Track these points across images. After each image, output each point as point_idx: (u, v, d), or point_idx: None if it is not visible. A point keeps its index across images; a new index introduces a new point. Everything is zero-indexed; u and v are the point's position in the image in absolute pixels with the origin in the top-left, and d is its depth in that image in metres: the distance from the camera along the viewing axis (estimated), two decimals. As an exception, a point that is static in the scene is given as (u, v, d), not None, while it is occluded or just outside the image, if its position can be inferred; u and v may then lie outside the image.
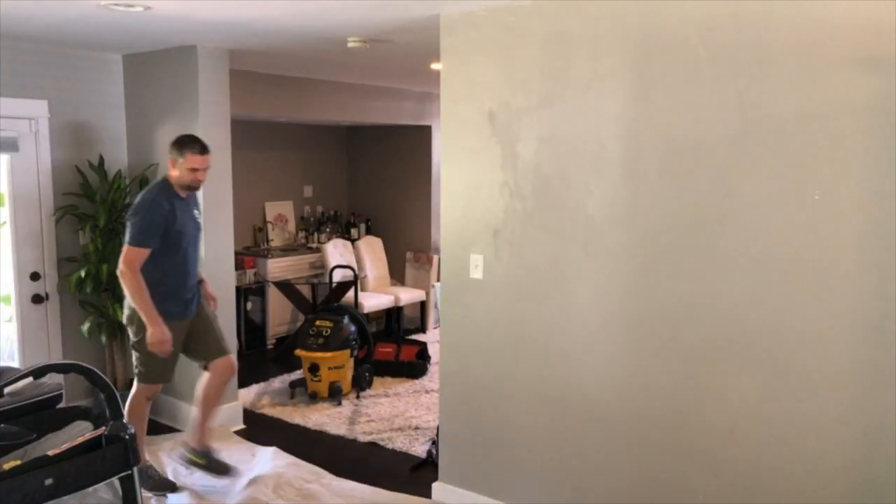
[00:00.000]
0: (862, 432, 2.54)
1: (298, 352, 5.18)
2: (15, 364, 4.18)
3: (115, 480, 2.20)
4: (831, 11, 2.46)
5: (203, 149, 3.55)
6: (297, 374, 5.63)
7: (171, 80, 4.49)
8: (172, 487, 3.79)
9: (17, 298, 4.42)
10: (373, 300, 6.73)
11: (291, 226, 7.32)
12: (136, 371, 3.68)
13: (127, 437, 2.19)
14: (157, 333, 3.45)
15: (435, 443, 4.07)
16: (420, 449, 4.36)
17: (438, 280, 5.96)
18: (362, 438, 4.55)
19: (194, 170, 3.52)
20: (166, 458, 4.19)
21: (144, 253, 3.44)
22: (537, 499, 3.33)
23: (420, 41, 4.03)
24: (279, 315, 6.74)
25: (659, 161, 2.87)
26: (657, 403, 2.96)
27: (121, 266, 3.46)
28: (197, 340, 3.75)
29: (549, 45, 3.10)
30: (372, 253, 7.23)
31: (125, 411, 3.39)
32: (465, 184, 3.43)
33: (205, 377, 3.80)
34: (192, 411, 3.91)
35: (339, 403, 5.08)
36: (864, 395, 2.52)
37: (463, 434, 3.56)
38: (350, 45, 4.13)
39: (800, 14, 2.51)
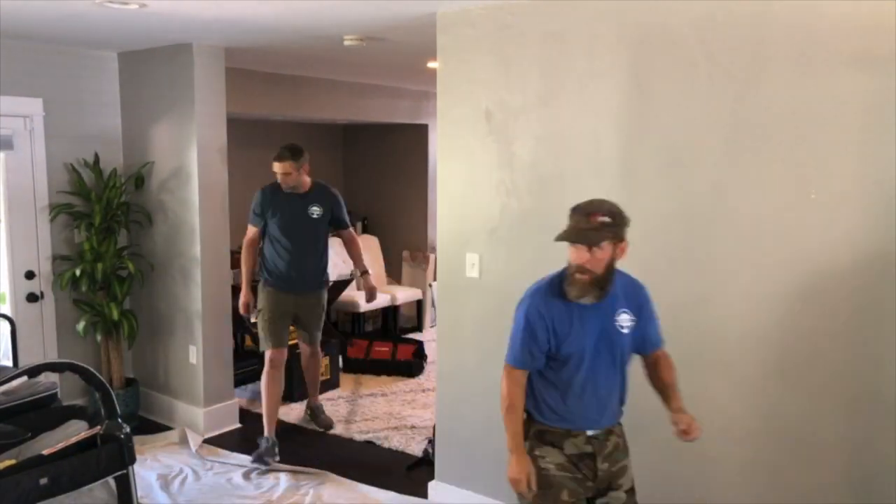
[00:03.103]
0: (861, 431, 2.55)
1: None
2: (9, 363, 4.16)
3: (111, 480, 2.19)
4: (828, 11, 2.46)
5: (278, 157, 4.22)
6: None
7: (166, 78, 4.47)
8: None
9: (12, 297, 4.40)
10: (369, 299, 6.72)
11: (287, 224, 7.30)
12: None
13: (122, 436, 2.19)
14: (242, 297, 4.37)
15: (431, 442, 4.06)
16: (416, 448, 4.35)
17: (435, 279, 5.96)
18: (358, 437, 4.55)
19: (277, 174, 4.22)
20: (165, 457, 4.19)
21: (251, 230, 4.34)
22: (534, 497, 3.33)
23: (417, 39, 4.02)
24: (275, 314, 6.71)
25: (655, 160, 2.87)
26: (653, 402, 2.96)
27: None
28: (299, 320, 4.46)
29: (545, 43, 3.09)
30: (368, 252, 7.21)
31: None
32: (461, 182, 3.42)
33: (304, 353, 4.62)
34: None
35: None
36: (863, 395, 2.53)
37: (459, 433, 3.56)
38: (346, 43, 4.12)
39: (797, 13, 2.52)
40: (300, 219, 4.29)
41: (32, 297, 4.46)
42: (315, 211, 4.33)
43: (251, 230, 4.34)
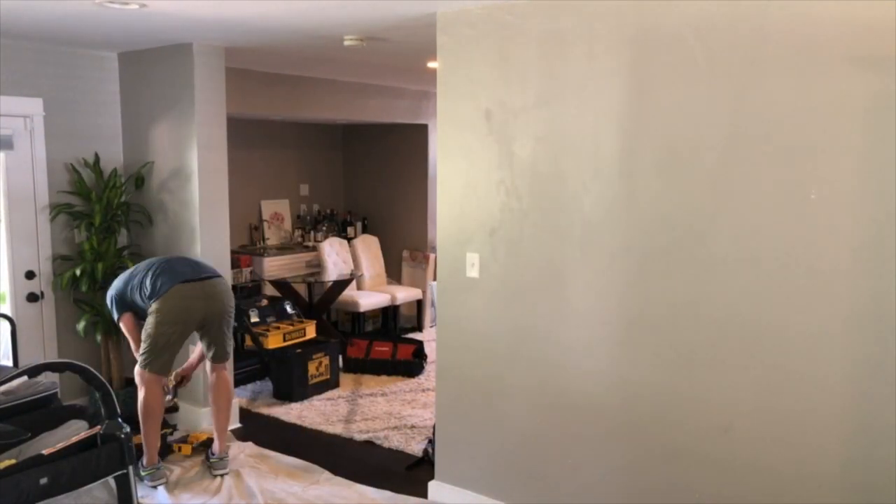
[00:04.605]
0: (859, 431, 2.55)
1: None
2: (9, 363, 4.17)
3: (111, 479, 2.20)
4: (828, 10, 2.46)
5: None
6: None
7: (166, 78, 4.48)
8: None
9: (12, 297, 4.41)
10: (369, 299, 6.73)
11: (287, 224, 7.31)
12: None
13: (122, 436, 2.19)
14: None
15: (431, 441, 4.07)
16: (416, 448, 4.35)
17: (435, 279, 5.97)
18: (358, 437, 4.55)
19: None
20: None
21: None
22: (533, 498, 3.33)
23: (417, 39, 4.03)
24: (275, 314, 6.72)
25: (655, 160, 2.87)
26: (653, 402, 2.97)
27: None
28: None
29: (545, 43, 3.09)
30: (368, 251, 7.22)
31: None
32: (461, 182, 3.43)
33: None
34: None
35: None
36: (861, 395, 2.53)
37: (459, 433, 3.56)
38: (346, 43, 4.12)
39: (796, 13, 2.52)
40: None
41: (32, 297, 4.47)
42: None
43: None
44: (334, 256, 6.80)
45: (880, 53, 2.38)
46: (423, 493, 3.73)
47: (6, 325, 3.95)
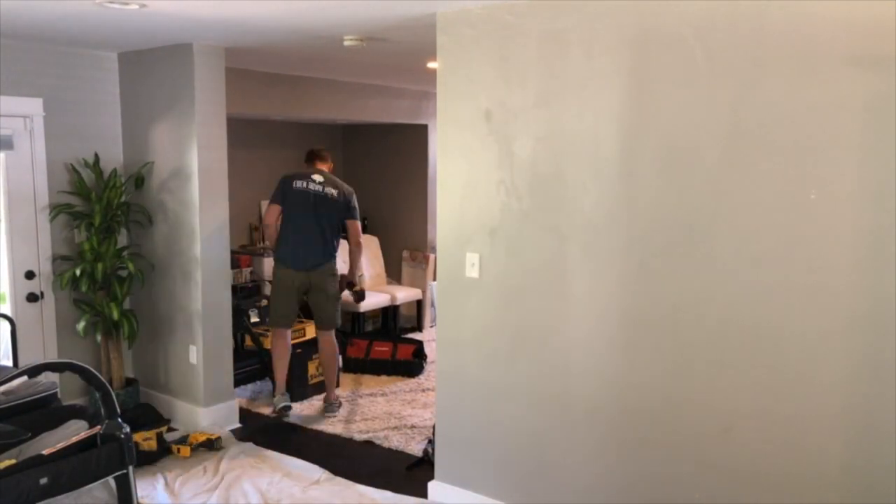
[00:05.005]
0: (858, 432, 2.55)
1: None
2: (9, 363, 4.17)
3: (111, 479, 2.20)
4: (828, 10, 2.46)
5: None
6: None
7: (166, 78, 4.48)
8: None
9: (12, 297, 4.40)
10: (369, 299, 6.72)
11: (287, 224, 7.29)
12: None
13: (122, 436, 2.19)
14: None
15: (431, 441, 4.07)
16: (416, 448, 4.35)
17: (435, 279, 5.96)
18: (358, 437, 4.55)
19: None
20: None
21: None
22: (533, 498, 3.33)
23: (417, 39, 4.03)
24: (275, 314, 6.70)
25: (655, 160, 2.87)
26: (653, 402, 2.97)
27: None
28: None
29: (545, 43, 3.09)
30: (368, 252, 7.22)
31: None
32: (461, 182, 3.43)
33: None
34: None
35: None
36: (860, 395, 2.53)
37: (459, 433, 3.56)
38: (346, 43, 4.12)
39: (796, 13, 2.52)
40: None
41: (32, 297, 4.46)
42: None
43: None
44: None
45: (880, 53, 2.38)
46: (423, 493, 3.73)
47: (6, 325, 3.95)
